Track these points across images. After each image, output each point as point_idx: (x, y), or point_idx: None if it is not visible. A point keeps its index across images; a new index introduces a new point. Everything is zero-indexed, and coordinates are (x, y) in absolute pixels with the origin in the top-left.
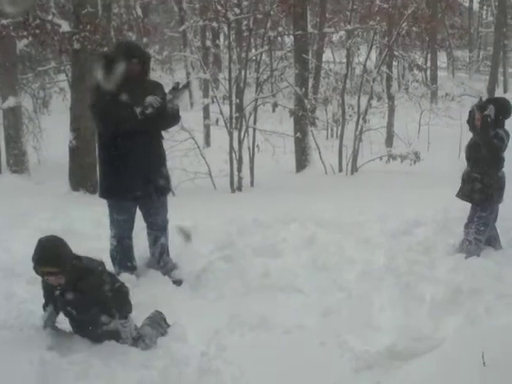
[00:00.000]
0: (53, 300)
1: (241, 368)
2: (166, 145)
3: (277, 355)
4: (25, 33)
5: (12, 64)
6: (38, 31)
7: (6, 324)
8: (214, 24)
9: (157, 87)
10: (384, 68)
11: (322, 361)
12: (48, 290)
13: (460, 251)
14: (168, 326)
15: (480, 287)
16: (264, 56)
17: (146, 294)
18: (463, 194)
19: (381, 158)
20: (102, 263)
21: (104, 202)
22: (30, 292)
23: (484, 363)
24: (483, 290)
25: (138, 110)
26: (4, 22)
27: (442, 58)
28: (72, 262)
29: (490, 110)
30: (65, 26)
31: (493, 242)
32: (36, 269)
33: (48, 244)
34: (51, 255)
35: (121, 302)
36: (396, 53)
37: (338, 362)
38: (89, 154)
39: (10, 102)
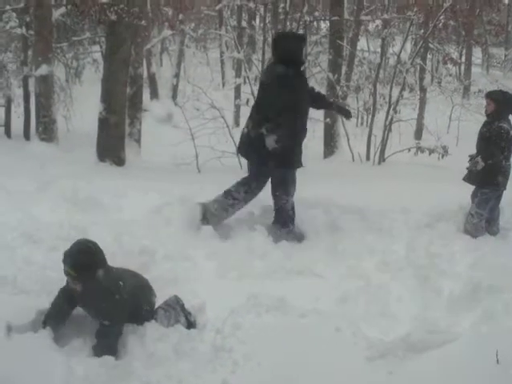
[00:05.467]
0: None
1: (254, 348)
2: (195, 122)
3: (291, 338)
4: (64, 1)
5: (48, 32)
6: (77, 0)
7: (24, 289)
8: (251, 4)
9: None
10: (418, 60)
11: (335, 347)
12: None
13: (465, 231)
14: (188, 313)
15: (499, 285)
16: None
17: (164, 269)
18: (467, 177)
19: (409, 150)
20: (122, 286)
21: (130, 175)
22: (50, 259)
23: (498, 361)
24: (502, 287)
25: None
26: None
27: (477, 54)
28: (93, 275)
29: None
30: None
31: (490, 224)
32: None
33: (78, 247)
34: (74, 259)
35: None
36: (431, 45)
37: (351, 349)
38: (117, 126)
39: (43, 69)
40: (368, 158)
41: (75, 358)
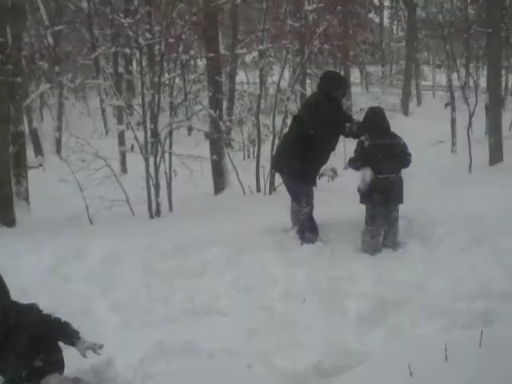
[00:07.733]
0: None
1: None
2: (82, 174)
3: (203, 381)
4: None
5: None
6: None
7: None
8: (126, 50)
9: None
10: (298, 86)
11: (249, 383)
12: None
13: (362, 249)
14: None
15: (403, 298)
16: (177, 80)
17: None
18: None
19: None
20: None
21: (21, 235)
22: None
23: (411, 373)
24: (406, 300)
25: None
26: None
27: (355, 74)
28: None
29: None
30: None
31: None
32: None
33: None
34: None
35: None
36: (309, 71)
37: (265, 382)
38: (3, 186)
39: None
40: (258, 190)
41: None
